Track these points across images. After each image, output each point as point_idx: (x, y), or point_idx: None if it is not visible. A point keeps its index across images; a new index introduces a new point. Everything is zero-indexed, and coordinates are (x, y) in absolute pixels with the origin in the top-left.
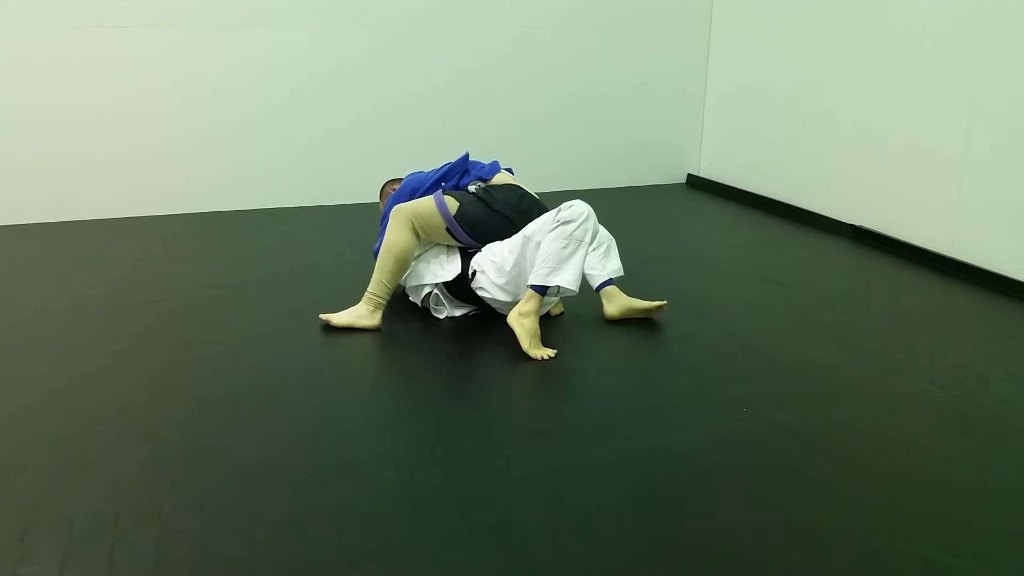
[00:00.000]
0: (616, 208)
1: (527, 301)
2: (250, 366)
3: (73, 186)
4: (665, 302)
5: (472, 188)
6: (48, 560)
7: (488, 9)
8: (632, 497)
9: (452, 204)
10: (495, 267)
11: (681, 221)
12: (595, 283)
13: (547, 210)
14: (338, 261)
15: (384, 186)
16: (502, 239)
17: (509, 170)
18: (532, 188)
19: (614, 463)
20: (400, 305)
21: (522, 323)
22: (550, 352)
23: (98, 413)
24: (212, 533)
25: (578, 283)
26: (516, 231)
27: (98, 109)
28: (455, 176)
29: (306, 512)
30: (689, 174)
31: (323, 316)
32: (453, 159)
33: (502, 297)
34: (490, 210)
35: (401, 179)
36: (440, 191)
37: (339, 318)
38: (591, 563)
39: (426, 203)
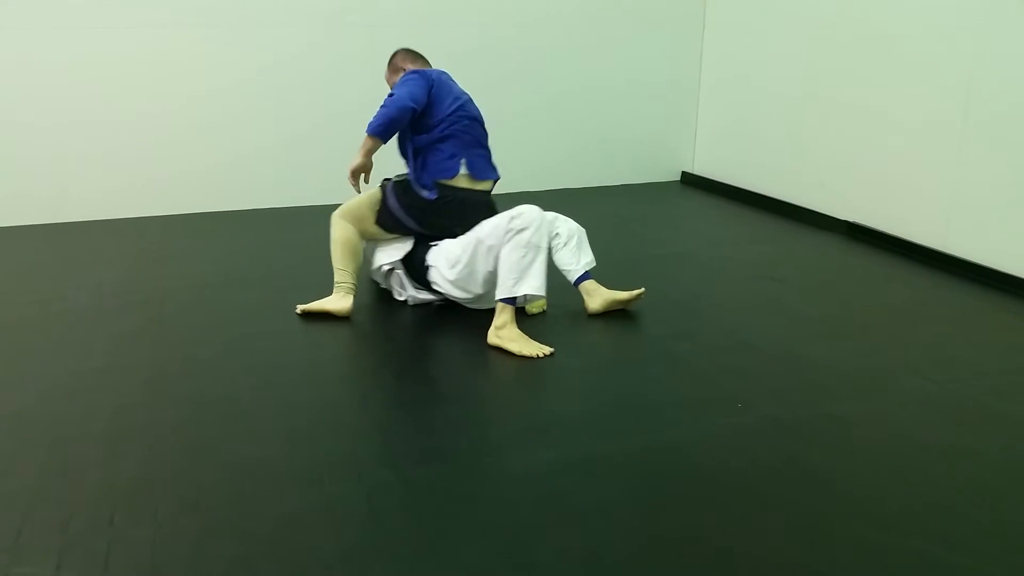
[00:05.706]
0: (610, 206)
1: (499, 315)
2: (245, 365)
3: (66, 188)
4: (643, 289)
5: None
6: (43, 560)
7: (480, 5)
8: (628, 493)
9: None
10: (448, 263)
11: (675, 218)
12: (572, 278)
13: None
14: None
15: (396, 55)
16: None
17: None
18: (527, 186)
19: (610, 460)
20: (392, 304)
21: (500, 335)
22: (546, 349)
23: (93, 413)
24: (207, 532)
25: (544, 287)
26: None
27: (90, 110)
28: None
29: (302, 510)
30: (683, 171)
31: (299, 308)
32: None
33: (455, 293)
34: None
35: (418, 56)
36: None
37: (311, 305)
38: (588, 560)
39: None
